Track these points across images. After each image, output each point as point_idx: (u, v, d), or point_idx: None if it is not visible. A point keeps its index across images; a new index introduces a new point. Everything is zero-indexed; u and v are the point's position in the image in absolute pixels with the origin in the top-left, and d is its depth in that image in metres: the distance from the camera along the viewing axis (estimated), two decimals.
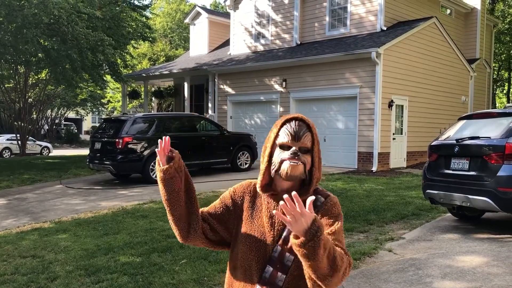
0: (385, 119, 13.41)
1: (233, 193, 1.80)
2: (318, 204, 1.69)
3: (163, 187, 1.73)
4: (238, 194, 1.79)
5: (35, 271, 4.84)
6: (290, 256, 1.63)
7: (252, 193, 1.78)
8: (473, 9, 18.82)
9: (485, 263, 4.95)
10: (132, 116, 12.08)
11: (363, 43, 14.02)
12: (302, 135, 1.65)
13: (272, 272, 1.62)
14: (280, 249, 1.64)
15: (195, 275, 4.57)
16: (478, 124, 6.45)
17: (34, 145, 26.50)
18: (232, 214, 1.77)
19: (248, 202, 1.76)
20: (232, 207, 1.77)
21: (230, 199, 1.79)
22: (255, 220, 1.71)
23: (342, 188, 9.75)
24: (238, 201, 1.78)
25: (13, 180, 12.35)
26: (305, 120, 1.70)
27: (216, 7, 48.05)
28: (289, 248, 1.64)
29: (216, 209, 1.79)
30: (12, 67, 20.59)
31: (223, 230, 1.77)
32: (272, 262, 1.64)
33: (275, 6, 17.41)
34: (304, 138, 1.65)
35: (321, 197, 1.71)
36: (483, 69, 19.51)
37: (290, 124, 1.68)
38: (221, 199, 1.82)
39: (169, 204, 1.75)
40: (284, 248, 1.64)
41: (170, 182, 1.71)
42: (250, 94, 16.70)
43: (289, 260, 1.63)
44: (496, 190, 5.66)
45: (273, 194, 1.71)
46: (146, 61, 35.87)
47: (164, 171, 1.70)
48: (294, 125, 1.67)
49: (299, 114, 1.72)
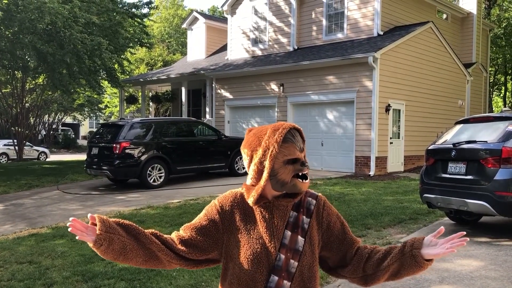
0: (382, 123, 13.44)
1: (219, 207, 1.68)
2: (311, 208, 1.71)
3: (111, 256, 1.58)
4: (226, 208, 1.67)
5: (32, 277, 4.82)
6: (294, 262, 1.62)
7: (240, 205, 1.67)
8: (469, 14, 18.93)
9: (482, 267, 4.95)
10: (129, 121, 12.08)
11: (360, 47, 14.07)
12: (303, 144, 1.63)
13: (277, 281, 1.60)
14: (284, 257, 1.62)
15: (192, 280, 4.56)
16: (474, 128, 6.47)
17: (31, 150, 26.41)
18: (220, 229, 1.67)
19: (239, 215, 1.66)
20: (220, 222, 1.66)
21: (217, 214, 1.67)
22: (251, 232, 1.63)
23: (339, 193, 9.74)
24: (227, 215, 1.66)
25: (10, 186, 12.31)
26: (298, 128, 1.64)
27: (213, 12, 48.17)
28: (292, 254, 1.62)
29: (202, 225, 1.68)
30: (9, 72, 20.56)
31: (210, 245, 1.68)
32: (277, 271, 1.61)
33: (272, 11, 17.47)
34: (304, 146, 1.64)
35: (311, 199, 1.72)
36: (480, 73, 19.61)
37: (290, 136, 1.60)
38: (206, 215, 1.69)
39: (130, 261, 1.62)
40: (287, 255, 1.62)
41: (113, 246, 1.55)
42: (248, 98, 16.73)
43: (293, 267, 1.62)
44: (493, 194, 5.67)
45: (264, 202, 1.64)
46: (143, 66, 35.88)
47: (97, 244, 1.53)
48: (296, 137, 1.61)
49: (290, 124, 1.64)
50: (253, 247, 1.62)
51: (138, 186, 11.54)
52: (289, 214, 1.66)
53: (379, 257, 1.69)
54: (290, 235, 1.64)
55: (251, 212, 1.66)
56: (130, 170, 11.32)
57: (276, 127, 1.61)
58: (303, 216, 1.67)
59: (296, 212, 1.67)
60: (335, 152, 14.30)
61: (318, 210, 1.71)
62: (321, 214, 1.71)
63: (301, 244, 1.64)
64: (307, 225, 1.67)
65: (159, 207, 8.62)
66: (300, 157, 1.59)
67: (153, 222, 7.26)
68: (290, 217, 1.66)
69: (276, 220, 1.64)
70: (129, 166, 11.20)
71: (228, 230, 1.66)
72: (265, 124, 1.84)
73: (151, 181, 11.34)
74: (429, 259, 1.63)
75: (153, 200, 9.49)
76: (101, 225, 1.54)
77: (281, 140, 1.57)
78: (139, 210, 8.45)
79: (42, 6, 12.85)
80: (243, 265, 1.62)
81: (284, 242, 1.63)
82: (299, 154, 1.59)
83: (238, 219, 1.66)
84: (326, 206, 1.73)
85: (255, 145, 1.61)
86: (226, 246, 1.67)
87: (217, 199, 1.71)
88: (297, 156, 1.58)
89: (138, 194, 10.65)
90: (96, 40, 14.53)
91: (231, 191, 1.72)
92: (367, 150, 13.32)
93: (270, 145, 1.56)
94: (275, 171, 1.57)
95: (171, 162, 11.71)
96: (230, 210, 1.67)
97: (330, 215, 1.73)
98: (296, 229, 1.65)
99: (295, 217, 1.66)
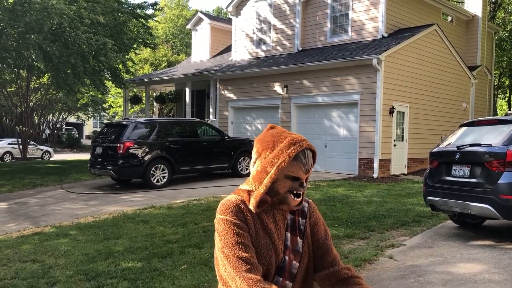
0: (386, 125, 13.42)
1: (239, 221, 1.61)
2: (305, 210, 1.78)
3: None
4: (241, 218, 1.62)
5: (35, 276, 4.83)
6: (296, 263, 1.68)
7: (247, 211, 1.64)
8: (474, 17, 18.88)
9: (486, 270, 4.93)
10: (133, 121, 12.11)
11: (365, 49, 14.06)
12: (311, 167, 1.65)
13: (281, 282, 1.65)
14: (288, 259, 1.67)
15: (195, 280, 4.56)
16: (479, 131, 6.45)
17: (35, 149, 26.51)
18: (249, 233, 1.64)
19: (250, 219, 1.64)
20: (247, 228, 1.62)
21: (245, 229, 1.61)
22: (260, 236, 1.64)
23: (343, 195, 9.73)
24: (248, 224, 1.63)
25: (14, 184, 12.36)
26: (314, 150, 1.66)
27: (218, 13, 48.24)
28: (294, 256, 1.68)
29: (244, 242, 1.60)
30: (14, 72, 20.66)
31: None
32: (281, 272, 1.66)
33: (276, 13, 17.48)
34: (311, 168, 1.66)
35: (304, 202, 1.79)
36: (484, 76, 19.54)
37: (302, 156, 1.61)
38: (234, 231, 1.59)
39: None
40: (290, 256, 1.68)
41: None
42: (251, 99, 16.74)
43: (295, 268, 1.68)
44: (497, 197, 5.65)
45: (266, 206, 1.67)
46: (148, 66, 35.97)
47: None
48: (307, 158, 1.62)
49: (308, 143, 1.64)
50: (263, 250, 1.64)
51: (141, 186, 11.56)
52: (288, 217, 1.73)
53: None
54: (290, 237, 1.70)
55: (257, 216, 1.67)
56: (134, 170, 11.34)
57: (294, 141, 1.61)
58: (299, 218, 1.74)
59: (292, 214, 1.74)
60: (338, 154, 14.28)
61: (309, 212, 1.79)
62: (311, 216, 1.79)
63: (301, 245, 1.71)
64: (303, 226, 1.74)
65: (163, 207, 8.63)
66: (302, 178, 1.62)
67: (156, 222, 7.28)
68: (288, 219, 1.72)
69: (279, 222, 1.69)
70: (132, 166, 11.22)
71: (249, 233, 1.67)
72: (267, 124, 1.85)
73: (154, 181, 11.36)
74: None
75: (156, 200, 9.51)
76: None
77: (293, 156, 1.58)
78: (142, 210, 8.46)
79: (49, 7, 12.90)
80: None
81: (287, 244, 1.68)
82: (303, 175, 1.62)
83: (249, 223, 1.66)
84: (315, 210, 1.83)
85: (267, 146, 1.63)
86: None
87: (227, 215, 1.61)
88: (300, 176, 1.61)
89: (142, 194, 10.66)
90: (101, 40, 14.58)
91: (232, 201, 1.65)
92: (371, 152, 13.30)
93: (281, 157, 1.58)
94: (274, 180, 1.59)
95: (175, 162, 11.73)
96: (243, 216, 1.63)
97: (317, 218, 1.81)
98: (294, 231, 1.71)
99: (292, 219, 1.73)
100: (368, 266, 5.17)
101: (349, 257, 5.38)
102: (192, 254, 5.38)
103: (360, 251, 5.65)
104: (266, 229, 1.66)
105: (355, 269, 5.04)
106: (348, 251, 5.61)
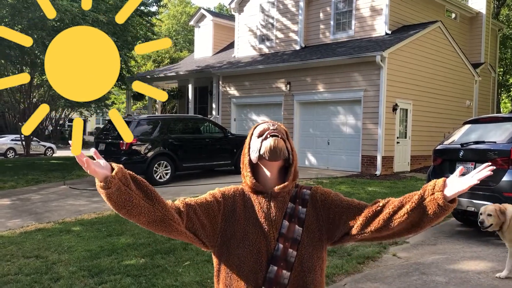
0: (389, 122, 13.38)
1: (223, 192, 1.75)
2: (306, 198, 1.75)
3: (113, 205, 1.52)
4: (229, 194, 1.74)
5: (38, 272, 4.84)
6: (293, 252, 1.64)
7: (242, 196, 1.74)
8: (478, 14, 18.79)
9: (489, 268, 4.92)
10: (136, 117, 12.12)
11: (368, 46, 14.01)
12: (276, 125, 1.77)
13: (276, 271, 1.62)
14: (282, 246, 1.64)
15: (198, 277, 4.57)
16: (483, 128, 6.43)
17: (38, 145, 26.56)
18: (220, 211, 1.69)
19: (240, 205, 1.71)
20: (222, 204, 1.70)
21: (221, 198, 1.72)
22: (250, 223, 1.67)
23: (345, 192, 9.72)
24: (229, 202, 1.72)
25: (17, 181, 12.38)
26: (273, 121, 1.81)
27: (221, 10, 48.16)
28: (290, 244, 1.65)
29: (207, 202, 1.69)
30: (18, 68, 20.67)
31: (208, 224, 1.67)
32: (275, 260, 1.63)
33: (279, 9, 17.43)
34: (278, 127, 1.76)
35: (306, 190, 1.78)
36: (488, 73, 19.46)
37: (262, 124, 1.79)
38: (211, 194, 1.73)
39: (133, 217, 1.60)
40: (286, 244, 1.65)
41: (119, 195, 1.49)
42: (254, 96, 16.71)
43: (292, 256, 1.64)
44: (501, 195, 5.63)
45: (262, 194, 1.72)
46: (150, 63, 35.97)
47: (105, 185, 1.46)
48: (271, 123, 1.78)
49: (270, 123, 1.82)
50: (252, 237, 1.65)
51: None
52: (286, 205, 1.71)
53: (397, 205, 1.65)
54: (287, 225, 1.67)
55: (251, 203, 1.72)
56: (136, 167, 11.32)
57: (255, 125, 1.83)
58: (299, 207, 1.72)
59: (293, 203, 1.72)
60: (341, 151, 14.26)
61: (312, 197, 1.75)
62: (316, 199, 1.75)
63: (299, 234, 1.67)
64: (303, 214, 1.70)
65: None
66: (266, 129, 1.74)
67: None
68: (288, 208, 1.71)
69: (274, 210, 1.69)
70: (135, 163, 11.22)
71: (227, 217, 1.70)
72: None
73: (157, 178, 11.37)
74: (453, 201, 1.57)
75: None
76: (117, 171, 1.50)
77: (253, 129, 1.78)
78: None
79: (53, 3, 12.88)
80: (242, 257, 1.64)
81: (282, 231, 1.66)
82: (268, 128, 1.75)
83: (238, 209, 1.71)
84: (320, 190, 1.78)
85: (244, 145, 1.83)
86: (222, 236, 1.69)
87: (220, 188, 1.80)
88: (263, 130, 1.74)
89: None
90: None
91: (234, 185, 1.81)
92: (374, 149, 13.27)
93: (248, 137, 1.80)
94: (249, 146, 1.75)
95: (177, 159, 11.73)
96: (232, 199, 1.73)
97: (325, 194, 1.76)
98: (293, 218, 1.69)
99: (292, 208, 1.71)
100: (372, 263, 5.16)
101: (352, 254, 5.37)
102: (195, 250, 5.39)
103: (363, 248, 5.65)
104: (258, 214, 1.68)
105: (359, 266, 5.04)
106: (351, 248, 5.61)
